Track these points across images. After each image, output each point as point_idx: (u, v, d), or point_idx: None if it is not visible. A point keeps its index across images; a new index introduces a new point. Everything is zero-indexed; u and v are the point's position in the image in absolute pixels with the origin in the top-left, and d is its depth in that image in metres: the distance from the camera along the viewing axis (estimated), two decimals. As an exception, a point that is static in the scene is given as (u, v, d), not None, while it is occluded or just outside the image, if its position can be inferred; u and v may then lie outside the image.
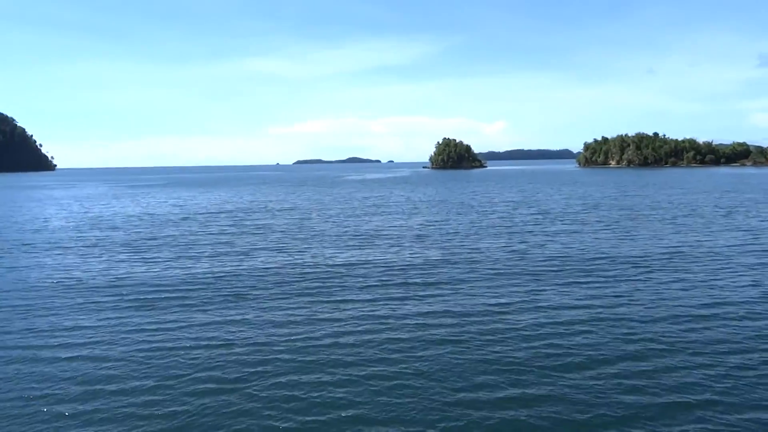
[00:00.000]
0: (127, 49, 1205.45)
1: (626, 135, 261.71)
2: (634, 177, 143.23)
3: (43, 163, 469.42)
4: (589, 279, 23.47)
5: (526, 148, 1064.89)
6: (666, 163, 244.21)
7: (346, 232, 40.02)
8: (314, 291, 21.80)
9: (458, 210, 56.40)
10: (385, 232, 39.21)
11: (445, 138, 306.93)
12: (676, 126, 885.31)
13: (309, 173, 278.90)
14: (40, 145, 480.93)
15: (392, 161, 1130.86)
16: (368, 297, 20.79)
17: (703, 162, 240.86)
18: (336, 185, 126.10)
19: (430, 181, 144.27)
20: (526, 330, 16.47)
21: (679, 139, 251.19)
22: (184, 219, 50.79)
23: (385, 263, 27.37)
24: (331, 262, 27.77)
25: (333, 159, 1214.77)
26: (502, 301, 20.00)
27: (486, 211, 55.00)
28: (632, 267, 25.72)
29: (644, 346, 14.99)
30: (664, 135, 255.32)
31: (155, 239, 37.23)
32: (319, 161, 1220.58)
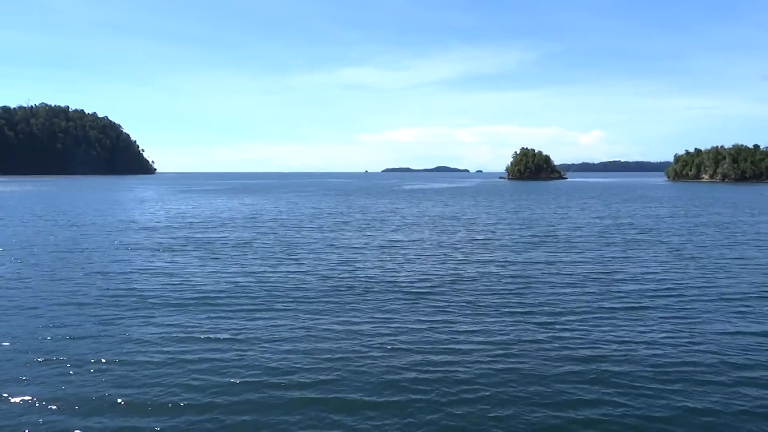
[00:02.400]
0: (228, 59, 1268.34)
1: (722, 147, 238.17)
2: (717, 193, 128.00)
3: (144, 167, 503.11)
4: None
5: (623, 160, 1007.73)
6: (767, 179, 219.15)
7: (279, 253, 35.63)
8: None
9: (444, 228, 50.41)
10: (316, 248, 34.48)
11: (523, 148, 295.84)
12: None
13: (372, 182, 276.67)
14: (143, 150, 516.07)
15: (481, 171, 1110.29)
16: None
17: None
18: (379, 195, 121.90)
19: (485, 192, 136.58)
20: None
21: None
22: (157, 227, 48.60)
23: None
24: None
25: (421, 168, 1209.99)
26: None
27: (480, 230, 48.68)
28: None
29: None
30: (767, 147, 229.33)
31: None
32: (408, 169, 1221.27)
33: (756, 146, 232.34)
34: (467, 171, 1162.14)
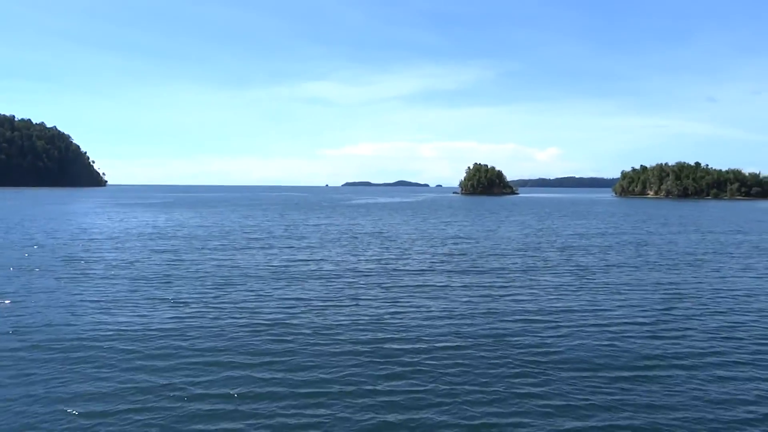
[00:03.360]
0: (189, 72, 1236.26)
1: (666, 164, 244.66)
2: (655, 209, 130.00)
3: (94, 179, 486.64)
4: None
5: (578, 176, 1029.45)
6: (707, 195, 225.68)
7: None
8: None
9: (356, 246, 48.34)
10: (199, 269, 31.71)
11: (476, 163, 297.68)
12: (738, 157, 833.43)
13: (324, 196, 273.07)
14: (93, 162, 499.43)
15: (440, 185, 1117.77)
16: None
17: (748, 195, 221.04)
18: (318, 210, 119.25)
19: (430, 208, 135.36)
20: None
21: (723, 169, 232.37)
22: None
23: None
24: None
25: (381, 182, 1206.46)
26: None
27: (392, 249, 46.79)
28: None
29: None
30: (707, 165, 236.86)
31: None
32: (368, 183, 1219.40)
33: (697, 164, 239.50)
34: (427, 185, 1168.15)
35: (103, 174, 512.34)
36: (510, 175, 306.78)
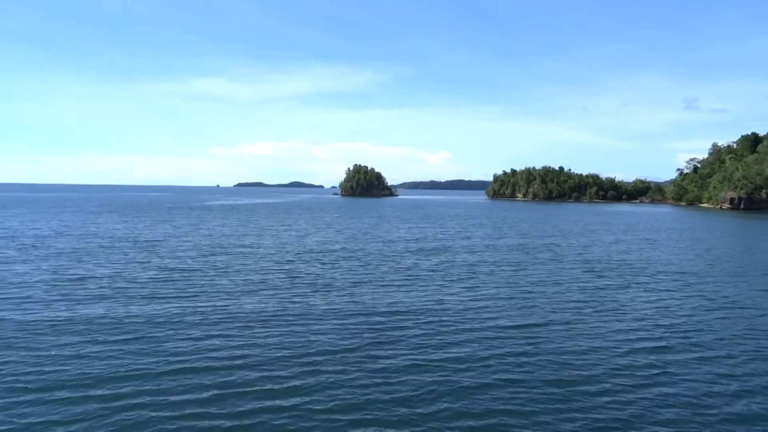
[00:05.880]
0: (65, 62, 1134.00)
1: (533, 168, 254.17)
2: (507, 212, 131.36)
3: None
4: None
5: (466, 179, 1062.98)
6: (570, 198, 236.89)
7: None
8: None
9: (106, 255, 40.37)
10: None
11: (355, 165, 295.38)
12: (609, 163, 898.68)
13: (192, 196, 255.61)
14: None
15: (335, 186, 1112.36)
16: None
17: (605, 198, 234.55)
18: (149, 213, 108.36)
19: (285, 210, 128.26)
20: None
21: (584, 174, 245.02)
22: None
23: None
24: None
25: (276, 183, 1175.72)
26: None
27: (150, 259, 39.15)
28: None
29: None
30: (570, 170, 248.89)
31: None
32: (261, 184, 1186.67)
33: (561, 168, 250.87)
34: (322, 187, 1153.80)
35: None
36: (404, 177, 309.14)
